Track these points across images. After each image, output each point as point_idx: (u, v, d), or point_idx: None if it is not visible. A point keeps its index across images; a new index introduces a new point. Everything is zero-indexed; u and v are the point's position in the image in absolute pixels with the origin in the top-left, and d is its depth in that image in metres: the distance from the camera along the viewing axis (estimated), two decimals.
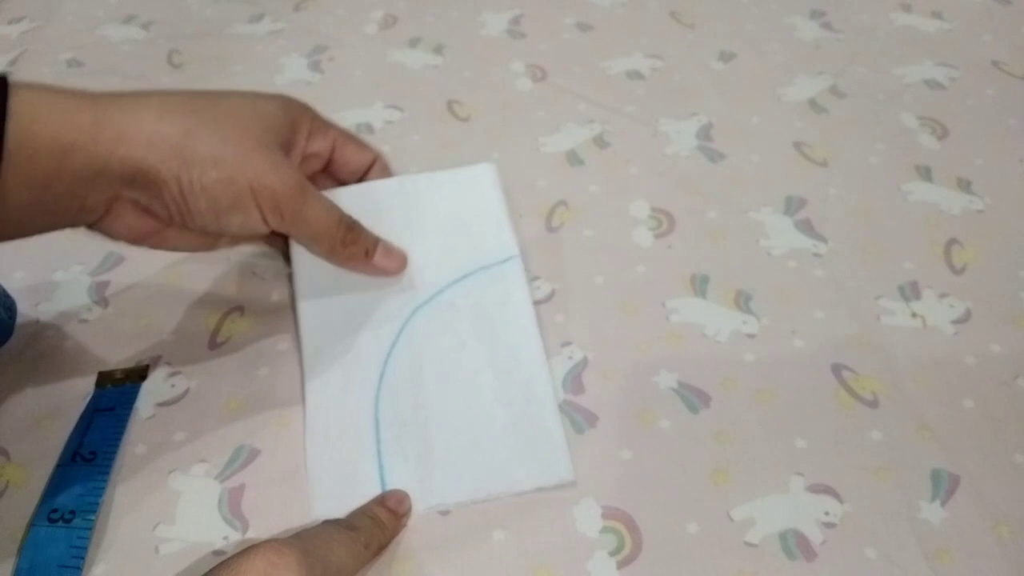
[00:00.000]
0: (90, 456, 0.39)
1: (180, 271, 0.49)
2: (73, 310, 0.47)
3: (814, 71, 0.63)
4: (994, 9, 0.70)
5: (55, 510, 0.37)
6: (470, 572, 0.36)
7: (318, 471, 0.39)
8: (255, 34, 0.69)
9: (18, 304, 0.47)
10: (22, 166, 0.33)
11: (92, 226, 0.38)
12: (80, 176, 0.34)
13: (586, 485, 0.39)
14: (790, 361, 0.44)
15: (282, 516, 0.38)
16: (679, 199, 0.53)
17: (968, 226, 0.51)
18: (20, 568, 0.35)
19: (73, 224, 0.36)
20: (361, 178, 0.46)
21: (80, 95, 0.35)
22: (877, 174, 0.55)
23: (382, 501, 0.37)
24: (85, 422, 0.41)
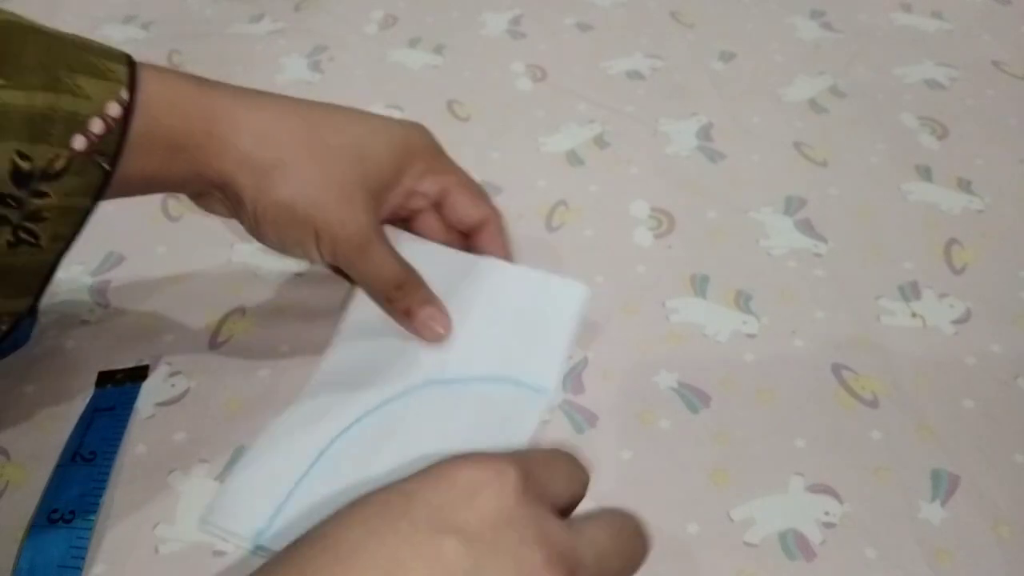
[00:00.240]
0: (90, 456, 0.39)
1: (181, 271, 0.49)
2: (74, 310, 0.47)
3: (814, 71, 0.63)
4: (994, 9, 0.70)
5: (55, 510, 0.37)
6: None
7: (235, 481, 0.39)
8: (255, 34, 0.69)
9: None
10: (137, 160, 0.36)
11: (191, 197, 0.42)
12: (182, 173, 0.38)
13: None
14: (790, 361, 0.44)
15: None
16: (679, 199, 0.53)
17: (968, 226, 0.51)
18: (20, 568, 0.35)
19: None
20: (473, 232, 0.45)
21: (198, 93, 0.38)
22: (877, 174, 0.55)
23: None
24: (85, 422, 0.41)
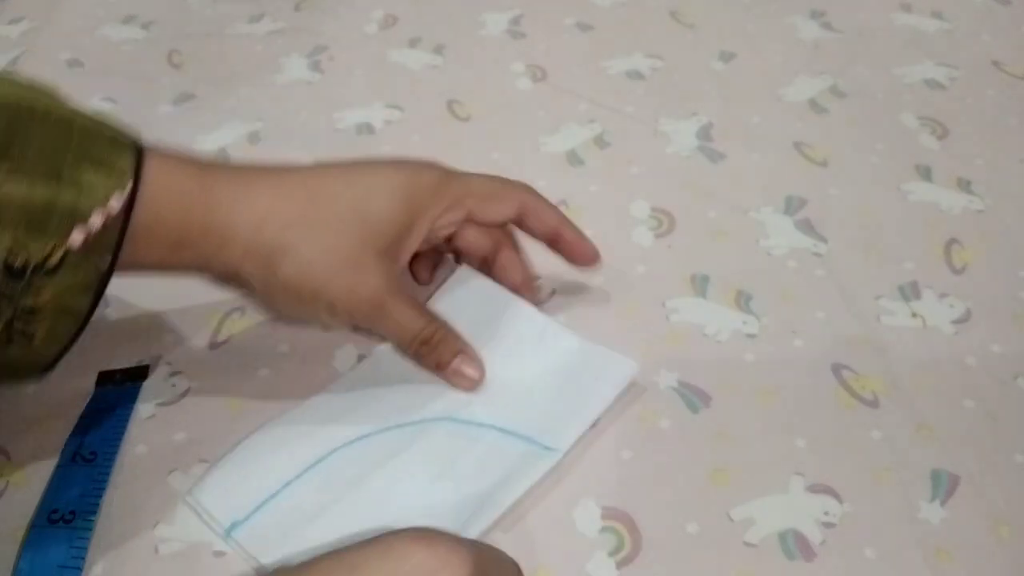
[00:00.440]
0: (90, 456, 0.39)
1: None
2: None
3: (814, 71, 0.63)
4: (994, 9, 0.70)
5: (55, 510, 0.37)
6: None
7: (227, 464, 0.39)
8: (255, 34, 0.69)
9: None
10: (138, 253, 0.36)
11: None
12: (187, 264, 0.38)
13: (586, 485, 0.39)
14: (790, 361, 0.44)
15: None
16: (679, 199, 0.53)
17: (968, 226, 0.51)
18: (20, 568, 0.35)
19: None
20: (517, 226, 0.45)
21: (197, 185, 0.37)
22: (877, 174, 0.55)
23: None
24: (85, 422, 0.41)
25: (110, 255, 0.34)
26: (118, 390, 0.42)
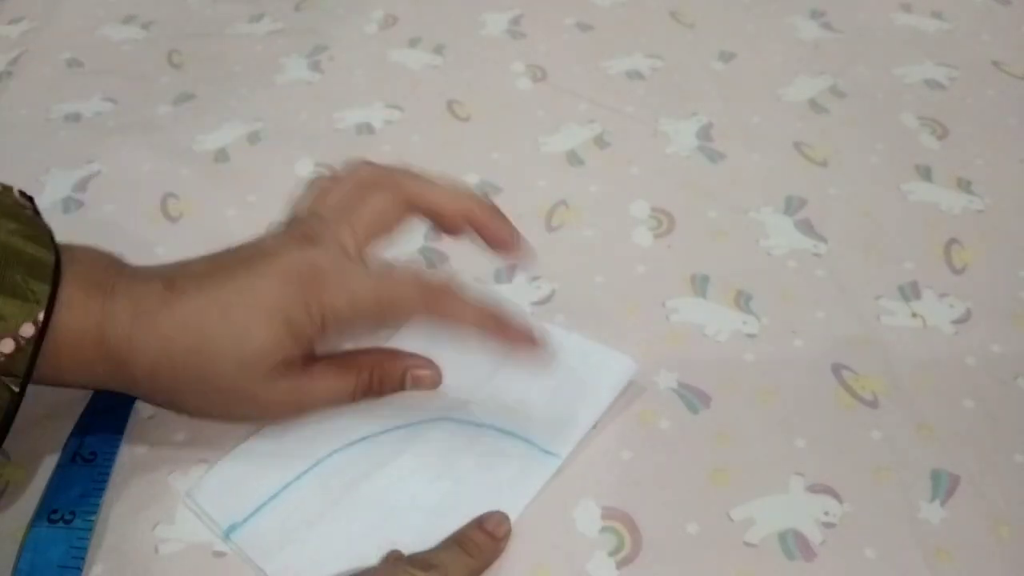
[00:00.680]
0: (90, 456, 0.39)
1: None
2: None
3: (814, 71, 0.63)
4: (994, 9, 0.70)
5: (55, 511, 0.37)
6: None
7: (227, 466, 0.39)
8: (255, 34, 0.69)
9: None
10: (53, 376, 0.36)
11: None
12: (100, 386, 0.40)
13: (586, 485, 0.39)
14: (790, 361, 0.44)
15: None
16: (679, 199, 0.53)
17: (968, 226, 0.51)
18: (20, 569, 0.35)
19: None
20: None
21: (97, 322, 0.36)
22: (877, 174, 0.55)
23: (480, 524, 0.36)
24: (85, 422, 0.41)
25: (21, 380, 0.34)
26: None
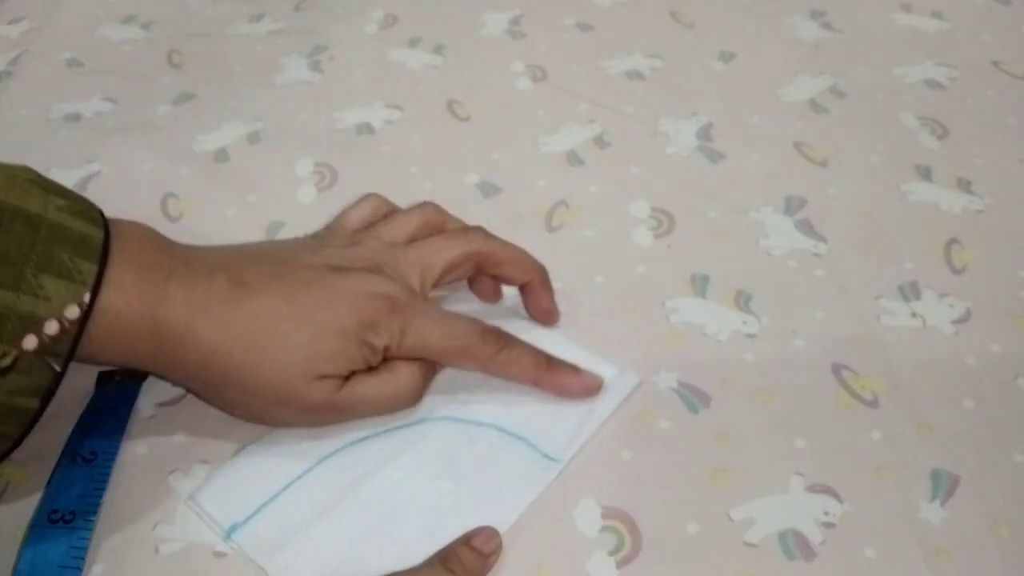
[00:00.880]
0: (90, 456, 0.39)
1: None
2: None
3: (814, 71, 0.63)
4: (994, 9, 0.70)
5: (55, 511, 0.37)
6: None
7: (229, 468, 0.39)
8: (255, 34, 0.69)
9: None
10: (94, 356, 0.36)
11: None
12: (142, 368, 0.39)
13: (586, 485, 0.39)
14: (790, 361, 0.44)
15: None
16: (679, 199, 0.53)
17: (968, 226, 0.51)
18: (20, 569, 0.35)
19: None
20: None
21: (149, 309, 0.36)
22: (877, 174, 0.55)
23: (467, 540, 0.36)
24: (85, 422, 0.41)
25: (63, 359, 0.34)
26: (118, 390, 0.42)
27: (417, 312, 0.39)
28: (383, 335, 0.38)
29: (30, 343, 0.33)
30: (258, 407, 0.39)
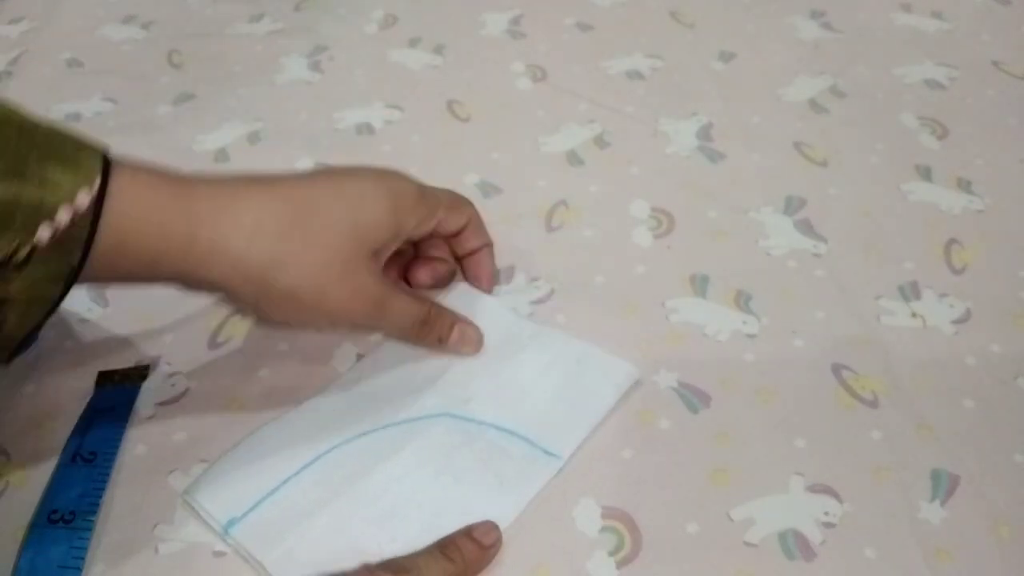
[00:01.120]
0: (90, 456, 0.39)
1: None
2: (73, 309, 0.47)
3: (814, 71, 0.63)
4: (994, 9, 0.70)
5: (55, 511, 0.37)
6: None
7: (225, 463, 0.39)
8: (255, 34, 0.69)
9: None
10: (112, 266, 0.35)
11: None
12: (163, 278, 0.37)
13: (586, 485, 0.39)
14: (790, 361, 0.44)
15: None
16: (679, 199, 0.53)
17: (968, 226, 0.51)
18: (20, 568, 0.35)
19: None
20: (465, 256, 0.47)
21: (174, 198, 0.36)
22: (877, 174, 0.55)
23: (468, 531, 0.36)
24: (85, 422, 0.41)
25: (80, 251, 0.34)
26: (118, 390, 0.42)
27: (428, 198, 0.43)
28: (407, 207, 0.42)
29: (44, 235, 0.32)
30: (310, 295, 0.38)
